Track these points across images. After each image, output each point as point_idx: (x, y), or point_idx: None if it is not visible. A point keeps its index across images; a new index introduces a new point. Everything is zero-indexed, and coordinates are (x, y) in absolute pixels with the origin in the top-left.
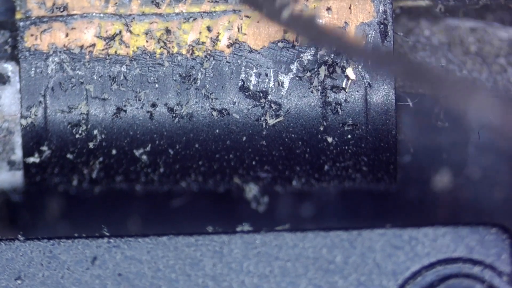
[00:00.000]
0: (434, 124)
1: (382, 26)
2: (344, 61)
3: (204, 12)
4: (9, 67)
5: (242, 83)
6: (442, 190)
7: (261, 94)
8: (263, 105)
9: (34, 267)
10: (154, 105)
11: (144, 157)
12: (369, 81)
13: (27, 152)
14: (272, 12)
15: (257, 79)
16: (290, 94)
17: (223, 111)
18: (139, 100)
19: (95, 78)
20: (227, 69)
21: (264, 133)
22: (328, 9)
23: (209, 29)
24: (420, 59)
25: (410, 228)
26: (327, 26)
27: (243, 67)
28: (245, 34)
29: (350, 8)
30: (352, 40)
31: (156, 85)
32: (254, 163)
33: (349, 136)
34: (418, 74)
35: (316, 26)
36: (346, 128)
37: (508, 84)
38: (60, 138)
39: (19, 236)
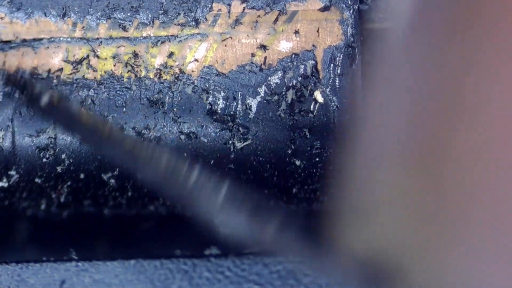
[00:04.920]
0: None
1: (350, 49)
2: (312, 84)
3: (171, 35)
4: None
5: (210, 106)
6: None
7: (229, 118)
8: (231, 128)
9: None
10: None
11: (112, 181)
12: (337, 104)
13: None
14: (31, 98)
15: (224, 102)
16: (258, 118)
17: (191, 134)
18: None
19: None
20: (194, 92)
21: (232, 156)
22: (296, 32)
23: (176, 52)
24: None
25: None
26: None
27: (210, 91)
28: (212, 57)
29: (318, 31)
30: None
31: (124, 109)
32: None
33: (317, 159)
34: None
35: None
36: (314, 151)
37: None
38: (28, 162)
39: None
